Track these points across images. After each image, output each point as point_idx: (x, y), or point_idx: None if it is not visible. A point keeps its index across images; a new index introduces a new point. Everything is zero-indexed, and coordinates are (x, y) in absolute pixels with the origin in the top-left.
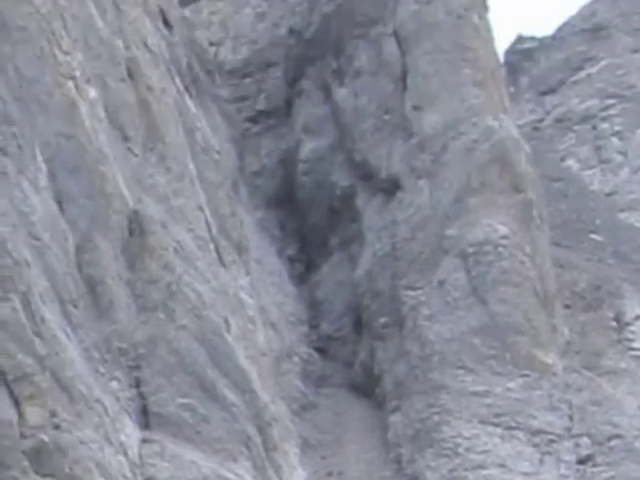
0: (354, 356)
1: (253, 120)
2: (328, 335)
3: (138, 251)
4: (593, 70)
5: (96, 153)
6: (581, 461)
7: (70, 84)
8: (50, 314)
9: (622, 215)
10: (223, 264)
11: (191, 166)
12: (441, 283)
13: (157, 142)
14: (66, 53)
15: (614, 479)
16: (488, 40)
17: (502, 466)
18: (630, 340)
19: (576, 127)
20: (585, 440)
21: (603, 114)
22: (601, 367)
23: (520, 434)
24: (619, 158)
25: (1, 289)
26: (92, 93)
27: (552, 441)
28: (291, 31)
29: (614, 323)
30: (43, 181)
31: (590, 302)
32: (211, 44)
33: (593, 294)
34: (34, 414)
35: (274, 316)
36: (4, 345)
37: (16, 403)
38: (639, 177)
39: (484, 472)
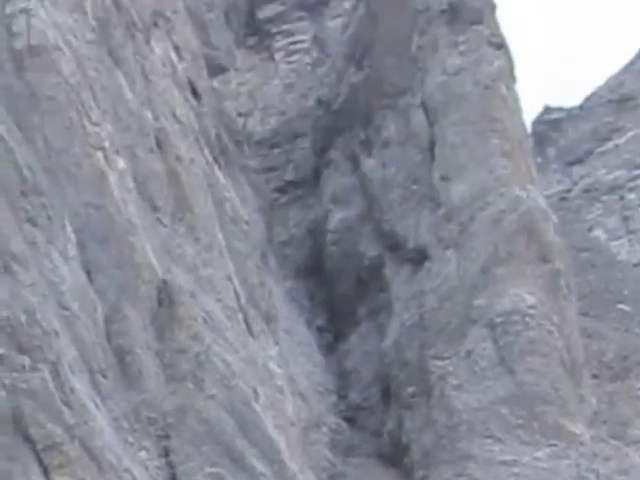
0: (382, 425)
1: (281, 190)
2: (356, 405)
3: (167, 321)
4: (620, 141)
5: (125, 223)
6: None
7: (99, 155)
8: (79, 384)
9: None
10: (252, 334)
11: (220, 236)
12: (469, 353)
13: (186, 212)
14: (95, 124)
15: None
16: (515, 111)
17: None
18: None
19: (604, 197)
20: None
21: (631, 185)
22: (628, 437)
23: None
24: None
25: (30, 359)
26: (121, 164)
27: None
28: (319, 102)
29: None
30: (72, 251)
31: (617, 372)
32: (239, 115)
33: (621, 364)
34: None
35: (303, 386)
36: (33, 414)
37: (45, 472)
38: None
39: None
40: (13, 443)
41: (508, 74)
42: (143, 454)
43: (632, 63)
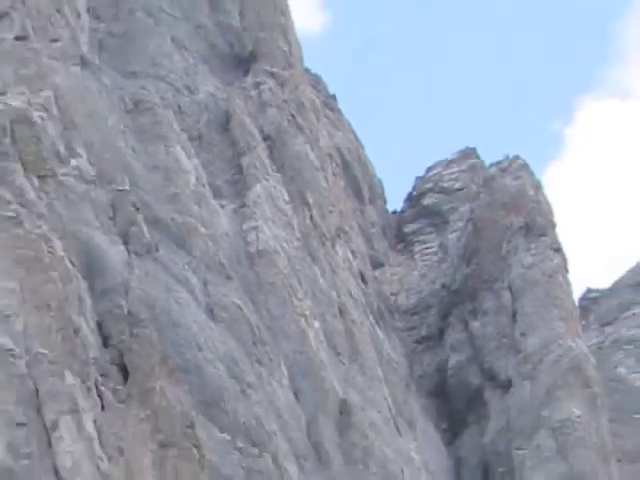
0: None
1: (418, 342)
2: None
3: (346, 425)
4: (637, 310)
5: (318, 363)
6: None
7: (302, 320)
8: (289, 466)
9: None
10: (400, 434)
11: (379, 371)
12: (538, 446)
13: (358, 356)
14: (300, 300)
15: None
16: (569, 292)
17: None
18: None
19: (625, 347)
20: None
21: None
22: None
23: None
24: None
25: (259, 450)
26: (316, 325)
27: None
28: (443, 286)
29: None
30: (285, 381)
31: (634, 457)
32: (392, 294)
33: (636, 453)
34: None
35: (432, 467)
36: None
37: None
38: None
39: None
40: None
41: (563, 268)
42: None
43: None
